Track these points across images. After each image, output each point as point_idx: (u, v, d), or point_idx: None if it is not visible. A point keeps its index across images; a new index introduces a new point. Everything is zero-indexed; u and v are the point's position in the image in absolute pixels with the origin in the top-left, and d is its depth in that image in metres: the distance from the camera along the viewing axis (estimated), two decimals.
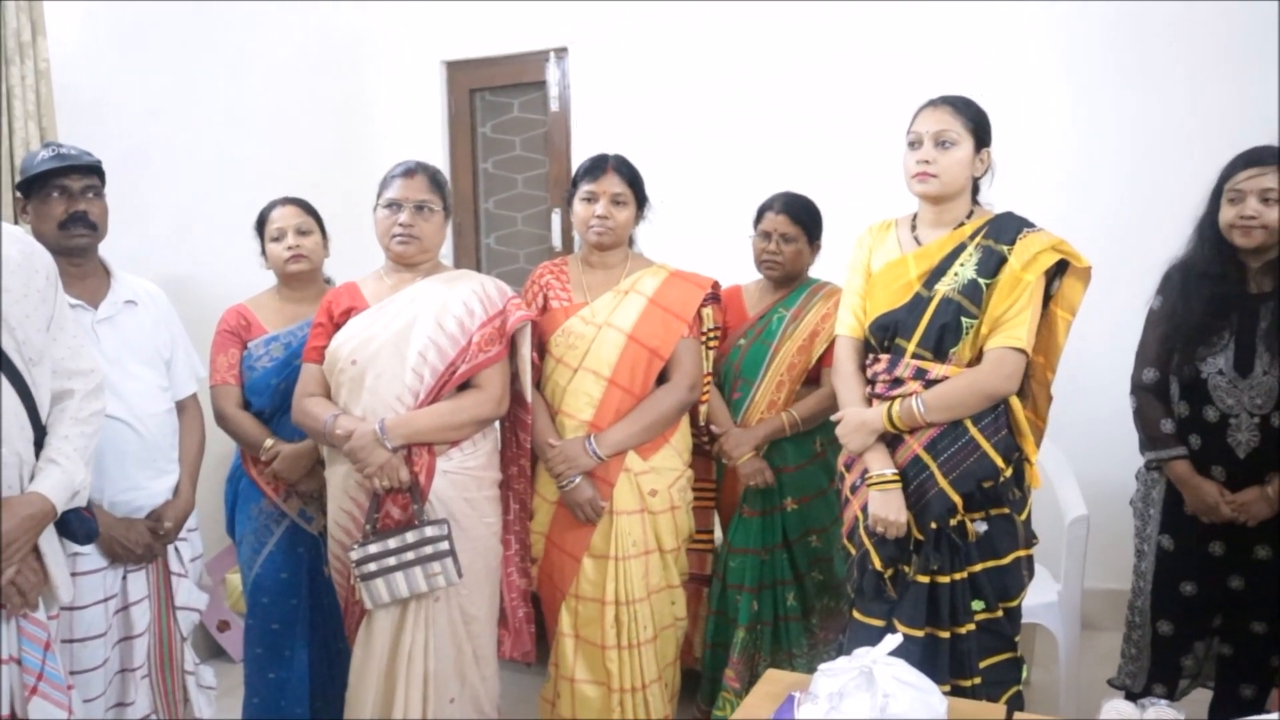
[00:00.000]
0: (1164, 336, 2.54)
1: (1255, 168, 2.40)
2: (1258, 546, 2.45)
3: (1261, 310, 2.41)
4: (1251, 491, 2.42)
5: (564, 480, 2.61)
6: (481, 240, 4.72)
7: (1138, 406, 2.60)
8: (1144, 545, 2.64)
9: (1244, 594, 2.49)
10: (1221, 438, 2.45)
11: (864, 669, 1.82)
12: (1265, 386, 2.40)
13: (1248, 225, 2.39)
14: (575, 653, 2.69)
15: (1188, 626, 2.58)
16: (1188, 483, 2.49)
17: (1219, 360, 2.44)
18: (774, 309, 2.90)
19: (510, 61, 4.53)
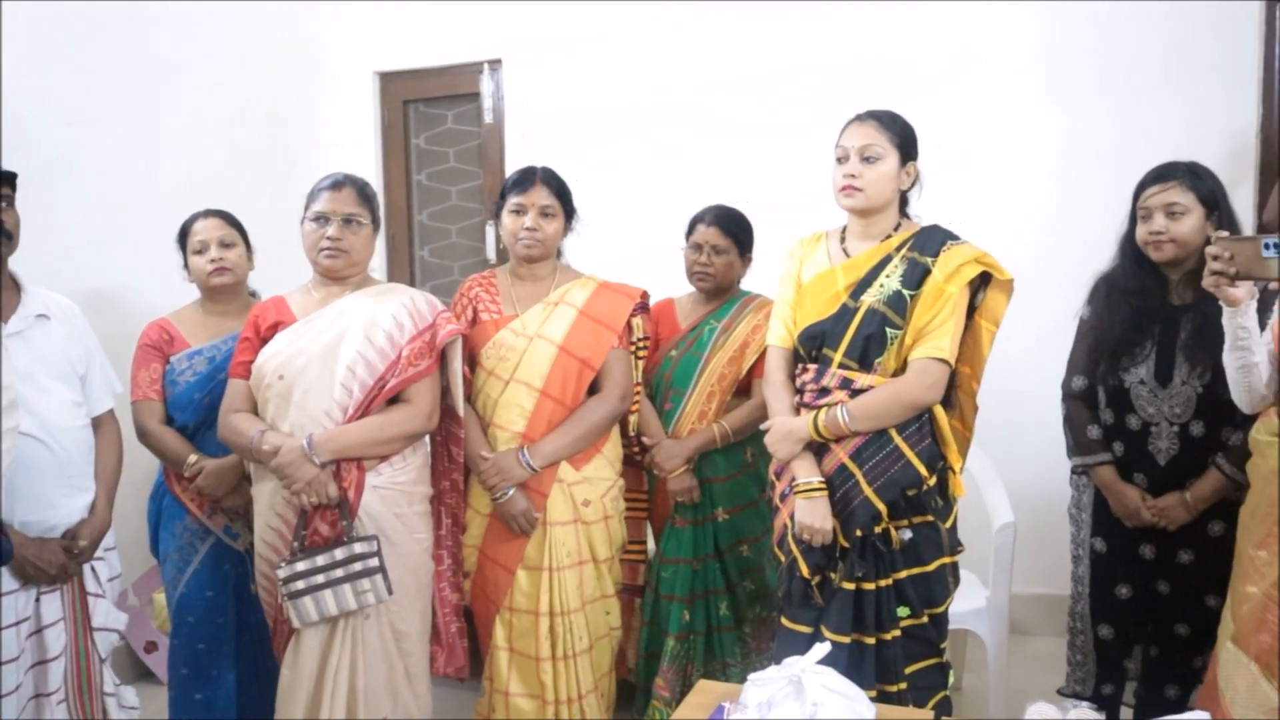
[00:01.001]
0: (1091, 347, 2.59)
1: (1160, 184, 2.47)
2: (1181, 551, 2.52)
3: (1182, 321, 2.48)
4: (1171, 497, 2.48)
5: (497, 492, 2.60)
6: (415, 252, 4.68)
7: (1067, 413, 2.67)
8: (1079, 550, 2.69)
9: (1168, 597, 2.55)
10: (1143, 445, 2.51)
11: (793, 678, 1.84)
12: (1184, 396, 2.47)
13: (1157, 240, 2.45)
14: (510, 666, 2.68)
15: (1126, 630, 2.63)
16: (1111, 488, 2.55)
17: (1141, 370, 2.50)
18: (705, 320, 2.92)
19: (444, 73, 4.51)
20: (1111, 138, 3.58)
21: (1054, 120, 3.75)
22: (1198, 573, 2.50)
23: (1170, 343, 2.48)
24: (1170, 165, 2.51)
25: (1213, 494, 2.45)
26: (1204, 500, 2.45)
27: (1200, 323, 2.43)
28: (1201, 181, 2.47)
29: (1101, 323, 2.56)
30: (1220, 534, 2.48)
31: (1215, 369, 2.40)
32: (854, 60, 3.88)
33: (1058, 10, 3.71)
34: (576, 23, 4.22)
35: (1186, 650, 2.53)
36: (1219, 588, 2.47)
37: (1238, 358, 2.18)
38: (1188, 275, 2.50)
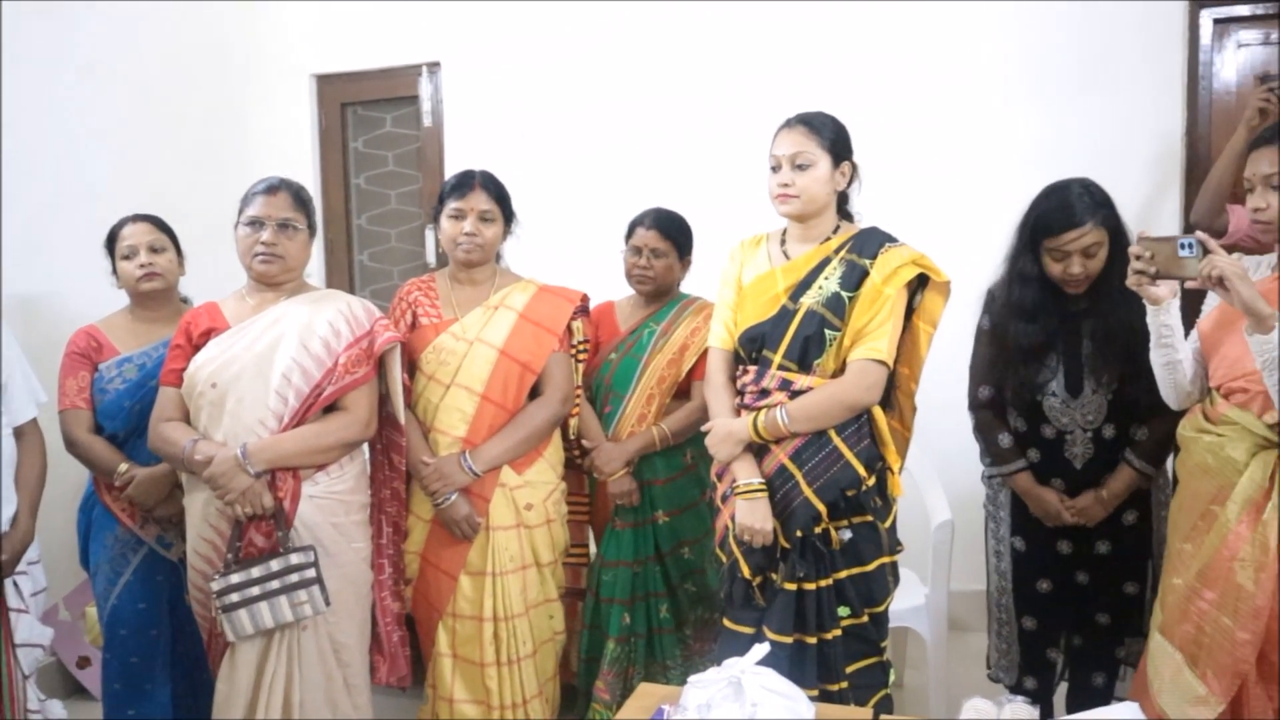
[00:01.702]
0: (994, 356, 2.61)
1: (1076, 230, 2.41)
2: (1099, 542, 2.57)
3: (1083, 330, 2.51)
4: (1087, 496, 2.53)
5: (439, 498, 2.58)
6: (354, 257, 4.64)
7: (976, 424, 2.68)
8: (999, 546, 2.73)
9: (1088, 588, 2.60)
10: (1059, 452, 2.56)
11: (732, 679, 1.85)
12: (1095, 404, 2.51)
13: (1076, 280, 2.45)
14: (453, 673, 2.66)
15: (1049, 621, 2.67)
16: (1030, 493, 2.58)
17: (1051, 385, 2.53)
18: (645, 323, 2.93)
19: (382, 75, 4.47)
20: (1040, 142, 3.64)
21: (981, 125, 3.80)
22: (1116, 562, 2.56)
23: (1075, 354, 2.52)
24: (1074, 203, 2.43)
25: (1126, 489, 2.51)
26: (1118, 496, 2.51)
27: (1101, 333, 2.47)
28: (1107, 210, 2.45)
29: (1001, 341, 2.56)
30: (1134, 523, 2.55)
31: (1122, 375, 2.46)
32: (793, 62, 3.92)
33: (983, 15, 3.77)
34: (516, 26, 4.21)
35: (1109, 639, 2.59)
36: (1137, 575, 2.55)
37: (1162, 355, 2.24)
38: None
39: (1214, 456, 2.12)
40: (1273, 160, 2.07)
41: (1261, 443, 2.05)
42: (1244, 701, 2.06)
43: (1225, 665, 2.04)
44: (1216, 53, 3.65)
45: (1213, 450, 2.13)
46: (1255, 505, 2.04)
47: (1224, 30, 3.64)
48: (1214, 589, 2.08)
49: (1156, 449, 2.49)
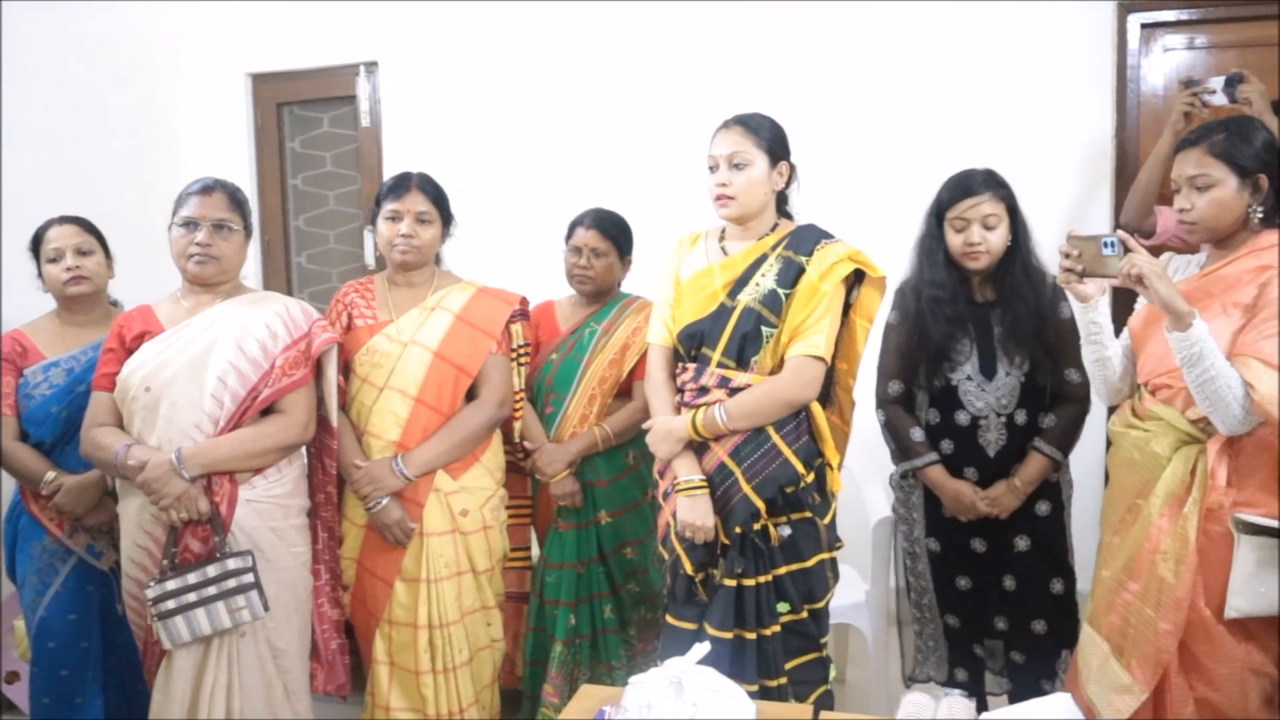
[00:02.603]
0: (906, 352, 2.64)
1: (974, 197, 2.51)
2: (1016, 539, 2.61)
3: (992, 317, 2.57)
4: (999, 486, 2.58)
5: (370, 502, 2.55)
6: (292, 259, 4.58)
7: (886, 420, 2.71)
8: (915, 548, 2.76)
9: (1017, 593, 2.64)
10: (973, 439, 2.60)
11: (673, 679, 1.85)
12: (1009, 387, 2.56)
13: (975, 251, 2.52)
14: (390, 680, 2.63)
15: (972, 618, 2.71)
16: (944, 487, 2.62)
17: (966, 368, 2.58)
18: (586, 323, 2.92)
19: (319, 75, 4.42)
20: (975, 142, 3.69)
21: (917, 126, 3.85)
22: (1037, 558, 2.60)
23: (987, 338, 2.57)
24: (972, 175, 2.55)
25: (1037, 476, 2.56)
26: (1030, 483, 2.55)
27: (1011, 318, 2.53)
28: (1006, 190, 2.55)
29: (917, 330, 2.60)
30: (1047, 513, 2.60)
31: (1032, 359, 2.52)
32: (732, 63, 3.94)
33: (919, 17, 3.83)
34: (454, 25, 4.18)
35: (1049, 647, 2.61)
36: (1061, 570, 2.60)
37: (1092, 352, 2.29)
38: (988, 275, 2.58)
39: (1140, 451, 2.17)
40: (1197, 162, 2.12)
41: (1184, 438, 2.11)
42: (1166, 691, 2.11)
43: (1149, 655, 2.09)
44: (1144, 57, 3.74)
45: (1139, 445, 2.18)
46: (1176, 499, 2.09)
47: (1151, 35, 3.73)
48: (1138, 581, 2.13)
49: (1064, 435, 2.55)
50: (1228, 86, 2.93)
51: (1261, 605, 2.00)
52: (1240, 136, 2.10)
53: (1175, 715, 2.10)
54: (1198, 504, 2.05)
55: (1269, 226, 2.12)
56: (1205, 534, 2.05)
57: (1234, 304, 2.06)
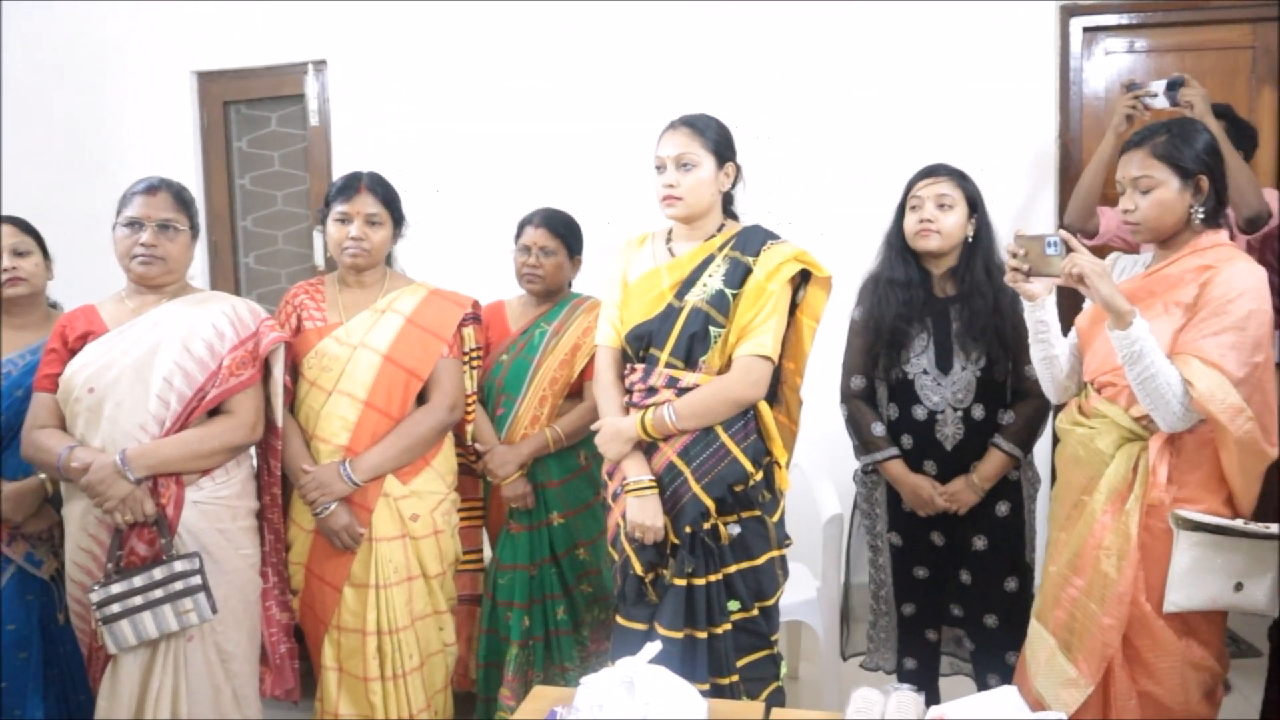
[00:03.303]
0: (867, 345, 2.69)
1: (931, 177, 2.61)
2: (975, 538, 2.65)
3: (951, 312, 2.62)
4: (958, 482, 2.61)
5: (318, 507, 2.52)
6: (240, 260, 4.52)
7: (849, 414, 2.74)
8: (877, 542, 2.79)
9: (972, 588, 2.68)
10: (931, 433, 2.63)
11: (625, 678, 1.85)
12: (965, 382, 2.60)
13: (926, 229, 2.58)
14: (339, 687, 2.60)
15: (927, 606, 2.75)
16: (903, 481, 2.65)
17: (922, 361, 2.62)
18: (536, 323, 2.91)
19: (267, 73, 4.38)
20: (924, 144, 3.73)
21: (867, 126, 3.90)
22: (993, 557, 2.64)
23: (944, 332, 2.61)
24: (940, 165, 2.65)
25: (995, 472, 2.59)
26: (989, 479, 2.59)
27: (968, 314, 2.58)
28: (968, 182, 2.63)
29: (874, 318, 2.66)
30: (1006, 514, 2.64)
31: (989, 354, 2.56)
32: (682, 63, 3.96)
33: (869, 18, 3.87)
34: (404, 24, 4.16)
35: (1001, 641, 2.65)
36: (1016, 569, 2.63)
37: (1039, 350, 2.33)
38: (949, 271, 2.64)
39: (1084, 448, 2.21)
40: (1140, 164, 2.16)
41: (1127, 435, 2.14)
42: (1110, 684, 2.15)
43: (1094, 649, 2.13)
44: (1086, 60, 3.82)
45: (1084, 442, 2.21)
46: (1119, 495, 2.12)
47: (1092, 38, 3.81)
48: (1082, 576, 2.16)
49: (1023, 432, 2.58)
50: (1169, 90, 2.98)
51: (1199, 600, 2.05)
52: (1182, 139, 2.14)
53: (1119, 708, 2.14)
54: (1139, 500, 2.09)
55: (1211, 227, 2.16)
56: (1147, 530, 2.09)
57: (1175, 303, 2.10)
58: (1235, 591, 2.04)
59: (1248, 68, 3.72)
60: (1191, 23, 3.75)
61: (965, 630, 2.74)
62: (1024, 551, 2.67)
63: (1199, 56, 3.70)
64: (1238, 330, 2.00)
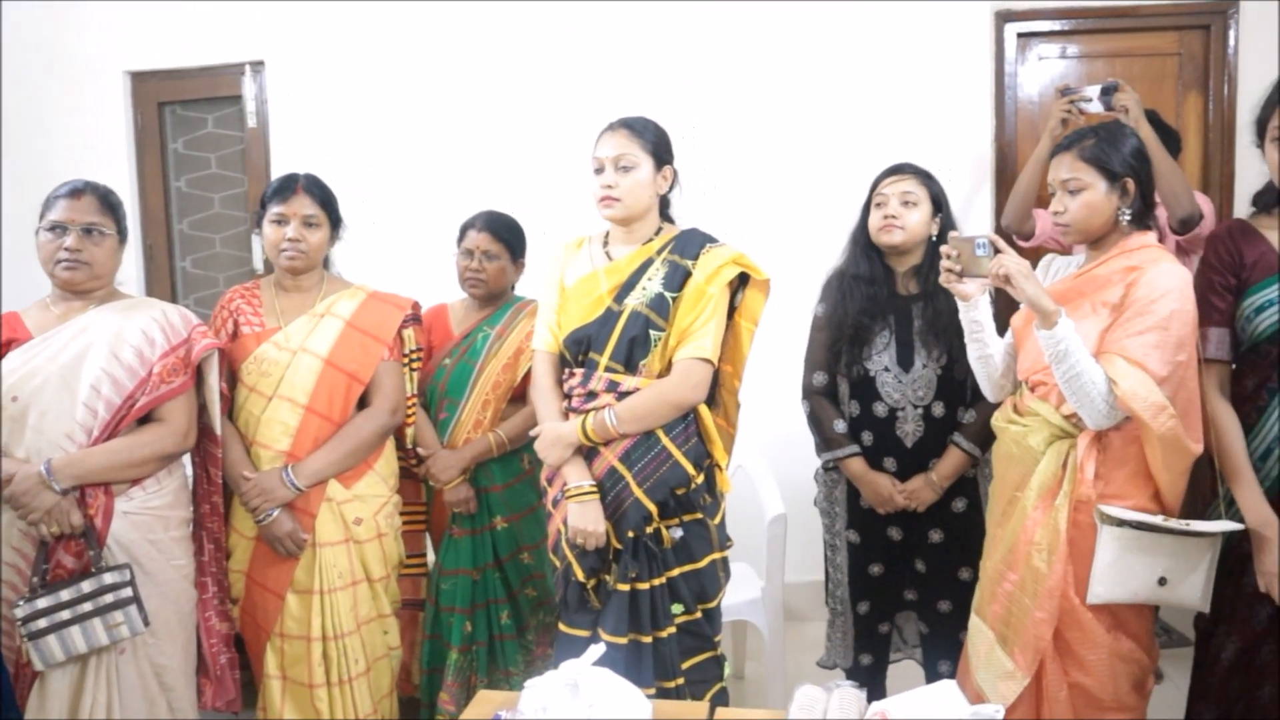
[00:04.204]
0: (830, 341, 2.72)
1: (897, 175, 2.66)
2: (931, 531, 2.69)
3: (913, 310, 2.65)
4: (918, 479, 2.65)
5: (260, 514, 2.49)
6: (176, 263, 4.43)
7: (811, 411, 2.76)
8: (835, 540, 2.82)
9: (928, 575, 2.72)
10: (891, 430, 2.66)
11: (569, 680, 1.85)
12: (925, 379, 2.64)
13: (890, 224, 2.62)
14: (283, 695, 2.57)
15: (881, 602, 2.78)
16: (863, 479, 2.68)
17: (884, 358, 2.65)
18: (479, 327, 2.89)
19: (203, 74, 4.30)
20: (862, 146, 3.78)
21: (799, 129, 3.93)
22: (949, 550, 2.68)
23: (906, 330, 2.65)
24: (905, 163, 2.70)
25: (954, 471, 2.63)
26: (947, 478, 2.63)
27: (931, 311, 2.62)
28: (932, 181, 2.68)
29: (837, 314, 2.69)
30: (963, 510, 2.68)
31: (949, 352, 2.60)
32: (623, 65, 3.96)
33: (800, 20, 3.90)
34: (343, 24, 4.11)
35: (952, 625, 2.69)
36: (970, 561, 2.67)
37: (974, 349, 2.37)
38: (912, 269, 2.68)
39: (1018, 446, 2.25)
40: (1069, 167, 2.20)
41: (1058, 432, 2.18)
42: (1043, 676, 2.19)
43: (1028, 642, 2.17)
44: (1020, 65, 3.89)
45: (1017, 440, 2.25)
46: (1049, 492, 2.16)
47: (1026, 44, 3.88)
48: (1016, 571, 2.20)
49: (983, 431, 2.60)
50: (1103, 94, 3.03)
51: (1122, 594, 2.09)
52: (1109, 142, 2.19)
53: (1050, 700, 2.18)
54: (1068, 496, 2.13)
55: (1139, 229, 2.21)
56: (1075, 525, 2.13)
57: (1103, 303, 2.15)
58: (1159, 586, 2.09)
59: (1175, 74, 3.82)
60: (1121, 30, 3.84)
61: (918, 613, 2.78)
62: (979, 545, 2.70)
63: (1128, 63, 3.78)
64: (1161, 330, 2.04)
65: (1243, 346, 2.26)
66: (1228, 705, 2.29)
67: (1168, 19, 3.80)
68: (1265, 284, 2.20)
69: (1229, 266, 2.26)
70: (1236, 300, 2.25)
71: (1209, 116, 3.81)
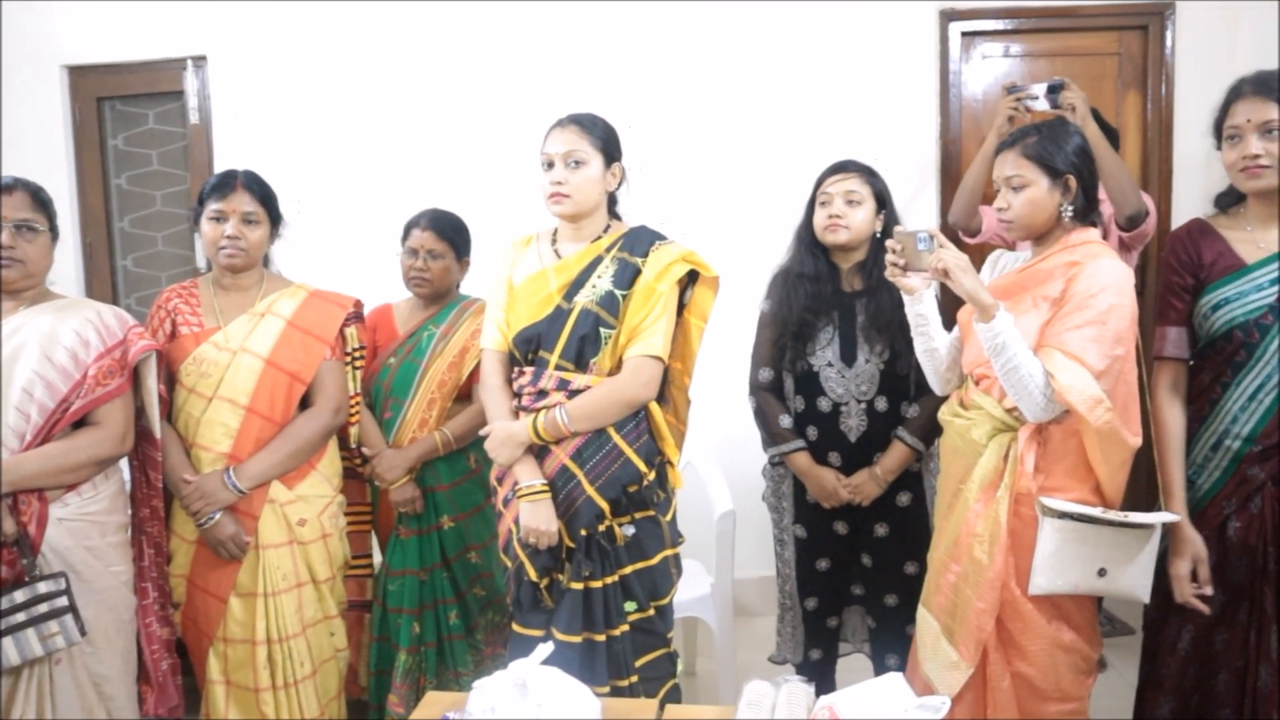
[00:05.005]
0: (775, 337, 2.74)
1: (841, 173, 2.68)
2: (876, 525, 2.71)
3: (857, 306, 2.68)
4: (862, 474, 2.67)
5: (202, 518, 2.44)
6: (117, 262, 4.34)
7: (757, 406, 2.78)
8: (784, 535, 2.83)
9: (873, 570, 2.74)
10: (835, 425, 2.68)
11: (518, 680, 1.84)
12: (868, 374, 2.66)
13: (835, 224, 2.64)
14: (227, 700, 2.53)
15: (829, 597, 2.80)
16: (809, 473, 2.69)
17: (827, 353, 2.67)
18: (424, 326, 2.87)
19: (143, 69, 4.22)
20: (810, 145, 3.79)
21: (746, 128, 3.94)
22: (894, 544, 2.70)
23: (850, 326, 2.67)
24: (848, 160, 2.72)
25: (898, 465, 2.65)
26: (891, 472, 2.65)
27: (874, 307, 2.64)
28: (876, 179, 2.70)
29: (782, 310, 2.71)
30: (908, 504, 2.70)
31: (893, 347, 2.62)
32: (570, 63, 3.95)
33: (748, 19, 3.91)
34: (287, 19, 4.05)
35: (899, 619, 2.71)
36: (916, 556, 2.69)
37: (920, 343, 2.39)
38: (857, 266, 2.70)
39: (962, 439, 2.27)
40: (1012, 164, 2.23)
41: (1000, 426, 2.21)
42: (986, 666, 2.21)
43: (970, 633, 2.19)
44: (964, 63, 3.93)
45: (961, 433, 2.28)
46: (991, 484, 2.19)
47: (970, 43, 3.92)
48: (959, 563, 2.23)
49: (926, 426, 2.63)
50: (1050, 93, 3.06)
51: (1062, 585, 2.12)
52: (1052, 140, 2.21)
53: (994, 689, 2.20)
54: (1009, 489, 2.15)
55: (1082, 225, 2.24)
56: (1017, 517, 2.15)
57: (1044, 298, 2.18)
58: (1099, 577, 2.12)
59: (1114, 73, 3.89)
60: (1062, 29, 3.90)
61: (866, 607, 2.80)
62: (924, 539, 2.73)
63: (1069, 62, 3.84)
64: (1099, 324, 2.07)
65: (1200, 343, 2.33)
66: (1184, 695, 2.33)
67: (1107, 19, 3.87)
68: (1222, 282, 2.26)
69: (1187, 267, 2.32)
70: (1194, 299, 2.31)
71: (1147, 115, 3.89)
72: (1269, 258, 2.23)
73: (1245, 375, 2.23)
